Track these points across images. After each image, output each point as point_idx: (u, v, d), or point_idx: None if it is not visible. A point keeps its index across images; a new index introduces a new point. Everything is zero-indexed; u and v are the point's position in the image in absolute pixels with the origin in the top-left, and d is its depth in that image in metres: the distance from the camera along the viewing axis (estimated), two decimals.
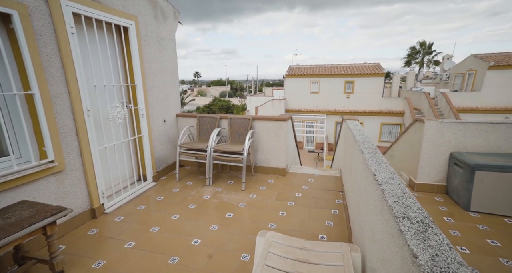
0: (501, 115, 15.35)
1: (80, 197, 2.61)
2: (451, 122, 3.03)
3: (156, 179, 3.65)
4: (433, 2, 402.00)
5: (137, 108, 3.23)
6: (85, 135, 2.58)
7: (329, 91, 17.63)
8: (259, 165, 4.00)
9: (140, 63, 3.17)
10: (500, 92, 15.10)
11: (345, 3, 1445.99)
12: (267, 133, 3.82)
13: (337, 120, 17.94)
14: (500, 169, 2.61)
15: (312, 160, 16.51)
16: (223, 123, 3.99)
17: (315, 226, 2.56)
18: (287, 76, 18.20)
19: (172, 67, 3.95)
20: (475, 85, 16.13)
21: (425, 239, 0.85)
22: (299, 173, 4.01)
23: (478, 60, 16.12)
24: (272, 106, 18.09)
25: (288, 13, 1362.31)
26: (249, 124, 3.74)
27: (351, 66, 18.30)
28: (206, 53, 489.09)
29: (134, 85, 3.16)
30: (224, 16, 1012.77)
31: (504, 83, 14.97)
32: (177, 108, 4.18)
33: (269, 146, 3.86)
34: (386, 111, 16.79)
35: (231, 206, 3.00)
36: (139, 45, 3.15)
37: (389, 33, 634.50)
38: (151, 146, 3.50)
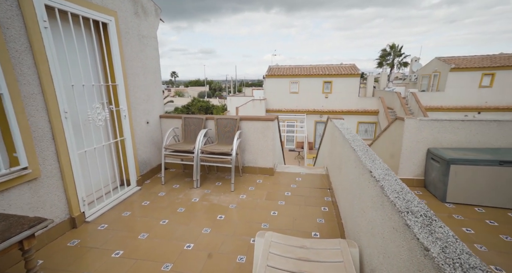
0: (461, 113, 16.76)
1: (58, 206, 2.42)
2: (428, 120, 3.24)
3: (140, 183, 3.48)
4: (399, 7, 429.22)
5: (118, 109, 3.05)
6: (63, 139, 2.39)
7: (308, 91, 18.05)
8: (246, 166, 3.98)
9: (121, 62, 3.01)
10: (461, 92, 16.47)
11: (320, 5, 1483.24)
12: (254, 133, 3.81)
13: (317, 120, 18.44)
14: (472, 162, 2.83)
15: (293, 159, 16.80)
16: (209, 124, 3.91)
17: (307, 224, 2.60)
18: (267, 76, 18.34)
19: (155, 66, 3.80)
20: (439, 85, 17.42)
21: (432, 232, 0.89)
22: (287, 172, 4.06)
23: (441, 63, 17.44)
24: (252, 106, 18.12)
25: (265, 14, 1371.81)
26: (236, 125, 3.70)
27: (329, 67, 18.89)
28: (182, 53, 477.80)
29: (115, 85, 2.99)
30: (200, 15, 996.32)
31: (464, 84, 16.36)
32: (160, 109, 4.03)
33: (256, 146, 3.86)
34: (362, 110, 17.56)
35: (221, 208, 2.95)
36: (119, 43, 2.98)
37: (362, 35, 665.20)
38: (134, 149, 3.34)
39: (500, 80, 15.92)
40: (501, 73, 15.80)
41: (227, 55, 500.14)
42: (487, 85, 16.24)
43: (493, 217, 2.77)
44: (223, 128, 3.75)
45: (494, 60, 16.79)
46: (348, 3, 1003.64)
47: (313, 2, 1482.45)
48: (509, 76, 15.80)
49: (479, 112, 16.61)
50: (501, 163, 2.75)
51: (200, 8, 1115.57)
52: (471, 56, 17.98)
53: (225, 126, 3.74)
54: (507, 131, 3.09)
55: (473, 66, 16.10)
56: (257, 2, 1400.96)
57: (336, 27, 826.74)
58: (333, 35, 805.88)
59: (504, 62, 16.10)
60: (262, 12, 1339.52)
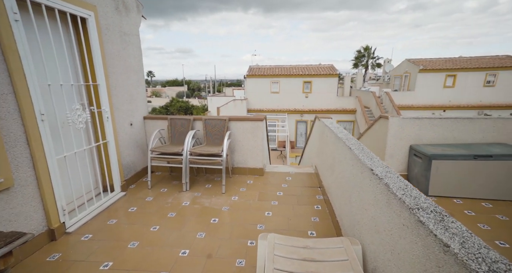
0: (429, 111, 18.01)
1: (33, 217, 2.20)
2: (410, 118, 3.42)
3: (124, 188, 3.29)
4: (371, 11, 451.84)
5: (100, 111, 2.85)
6: (39, 144, 2.17)
7: (289, 90, 18.32)
8: (236, 166, 3.93)
9: (102, 60, 2.81)
10: (429, 91, 17.68)
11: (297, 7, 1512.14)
12: (243, 133, 3.77)
13: (297, 119, 18.78)
14: (450, 157, 3.03)
15: (276, 158, 16.95)
16: (197, 125, 3.80)
17: (302, 223, 2.61)
18: (248, 76, 18.33)
19: (137, 65, 3.61)
20: (410, 85, 18.55)
21: (447, 227, 0.92)
22: (276, 172, 4.06)
23: (411, 64, 18.58)
24: (234, 106, 18.00)
25: (243, 14, 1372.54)
26: (225, 125, 3.63)
27: (308, 67, 19.32)
28: (159, 52, 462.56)
29: (96, 85, 2.79)
30: (177, 14, 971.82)
31: (431, 84, 17.57)
32: (144, 110, 3.84)
33: (246, 146, 3.82)
34: (340, 109, 18.18)
35: (214, 210, 2.88)
36: (100, 40, 2.79)
37: (337, 37, 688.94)
38: (118, 152, 3.14)
39: (461, 81, 17.32)
40: (462, 75, 17.19)
41: (206, 55, 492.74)
42: (450, 85, 17.58)
43: (470, 208, 2.98)
44: (211, 129, 3.67)
45: (455, 62, 18.23)
46: (324, 5, 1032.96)
47: (290, 3, 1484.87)
48: (468, 77, 17.24)
49: (444, 110, 17.95)
50: (475, 157, 2.97)
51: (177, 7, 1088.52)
52: (436, 58, 19.38)
53: (214, 127, 3.66)
54: (477, 128, 3.36)
55: (438, 68, 17.35)
56: (234, 2, 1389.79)
57: (313, 29, 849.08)
58: (310, 36, 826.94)
59: (464, 64, 17.55)
60: (240, 12, 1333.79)
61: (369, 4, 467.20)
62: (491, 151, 3.09)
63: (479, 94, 17.36)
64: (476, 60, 18.33)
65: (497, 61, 17.76)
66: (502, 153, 3.00)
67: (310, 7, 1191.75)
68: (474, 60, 18.49)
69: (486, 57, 19.01)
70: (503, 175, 2.98)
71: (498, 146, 3.23)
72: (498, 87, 17.07)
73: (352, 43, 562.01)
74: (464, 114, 17.44)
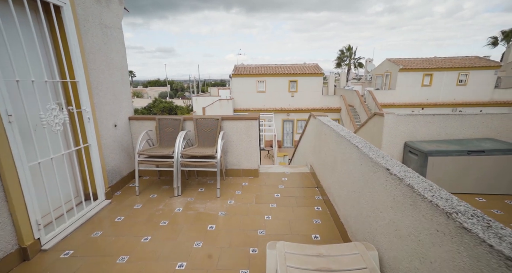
0: (409, 109, 18.74)
1: (1, 235, 1.90)
2: (405, 115, 3.42)
3: (109, 195, 3.00)
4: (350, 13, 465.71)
5: (80, 111, 2.56)
6: (6, 149, 1.88)
7: (275, 90, 18.30)
8: (229, 168, 3.75)
9: (81, 54, 2.53)
10: (408, 90, 18.38)
11: (279, 7, 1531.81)
12: (237, 133, 3.59)
13: (284, 118, 18.82)
14: (445, 153, 3.05)
15: (263, 157, 16.88)
16: (188, 125, 3.57)
17: (304, 226, 2.50)
18: (234, 75, 18.10)
19: (121, 62, 3.32)
20: (391, 84, 19.19)
21: (499, 235, 0.82)
22: (271, 172, 3.93)
23: (391, 64, 19.22)
24: (220, 106, 17.71)
25: (225, 13, 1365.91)
26: (218, 125, 3.44)
27: (294, 66, 19.41)
28: (139, 51, 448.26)
29: (75, 82, 2.50)
30: (157, 12, 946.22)
31: (410, 83, 18.28)
32: (129, 109, 3.55)
33: (240, 147, 3.65)
34: (326, 107, 18.43)
35: (210, 216, 2.69)
36: (78, 31, 2.50)
37: (319, 38, 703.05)
38: (101, 156, 2.86)
39: (437, 80, 18.17)
40: (437, 74, 18.04)
41: (188, 55, 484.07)
42: (427, 84, 18.38)
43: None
44: (203, 129, 3.46)
45: (431, 62, 19.10)
46: (305, 6, 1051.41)
47: (272, 3, 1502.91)
48: (443, 76, 18.12)
49: (423, 108, 18.75)
50: (469, 152, 3.01)
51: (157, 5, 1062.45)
52: (414, 58, 20.19)
53: (206, 127, 3.45)
54: (467, 124, 3.42)
55: (416, 67, 18.08)
56: (216, 1, 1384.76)
57: (295, 29, 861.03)
58: (293, 36, 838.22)
59: (439, 64, 18.43)
60: (222, 12, 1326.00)
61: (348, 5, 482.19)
62: (482, 146, 3.14)
63: (453, 93, 18.31)
64: (449, 60, 19.31)
65: (467, 61, 18.82)
66: (493, 148, 3.06)
67: (292, 8, 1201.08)
68: (448, 60, 19.46)
69: (458, 57, 20.09)
70: (495, 169, 3.03)
71: (488, 141, 3.30)
72: (469, 85, 18.08)
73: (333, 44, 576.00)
74: (440, 111, 18.27)
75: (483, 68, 17.80)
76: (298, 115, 18.71)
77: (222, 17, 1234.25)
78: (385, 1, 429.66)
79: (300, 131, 19.11)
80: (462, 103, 18.26)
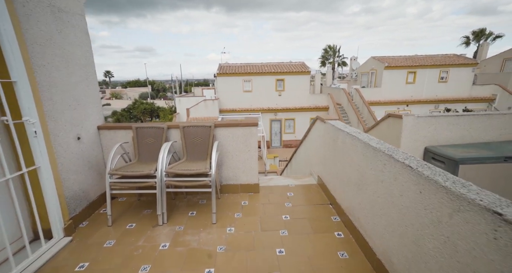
0: (394, 106, 18.98)
1: None
2: (426, 116, 3.00)
3: (70, 230, 2.31)
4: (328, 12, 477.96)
5: (22, 122, 1.86)
6: None
7: (261, 89, 17.78)
8: (225, 184, 3.15)
9: (19, 45, 1.83)
10: (393, 87, 18.57)
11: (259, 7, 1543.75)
12: (234, 142, 3.01)
13: (271, 118, 18.37)
14: (479, 161, 2.66)
15: None
16: (173, 135, 2.94)
17: (328, 263, 1.96)
18: (219, 74, 17.37)
19: (85, 57, 2.62)
20: (376, 82, 19.31)
21: None
22: (273, 186, 3.38)
23: (377, 61, 19.34)
24: (205, 106, 16.93)
25: (206, 13, 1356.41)
26: (210, 134, 2.83)
27: (280, 65, 18.99)
28: (116, 50, 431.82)
29: (10, 83, 1.80)
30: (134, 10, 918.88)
31: (395, 80, 18.48)
32: (98, 117, 2.85)
33: (237, 159, 3.06)
34: (313, 106, 18.18)
35: (206, 254, 2.09)
36: (12, 12, 1.80)
37: (299, 37, 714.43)
38: (57, 180, 2.16)
39: (420, 77, 18.50)
40: (420, 71, 18.37)
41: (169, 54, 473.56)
42: (411, 81, 18.67)
43: None
44: (193, 140, 2.84)
45: (414, 60, 19.43)
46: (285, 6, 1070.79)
47: (252, 3, 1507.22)
48: (425, 73, 18.49)
49: (407, 105, 19.06)
50: (506, 159, 2.63)
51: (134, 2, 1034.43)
52: (398, 56, 20.47)
53: (196, 137, 2.84)
54: (494, 124, 3.07)
55: (401, 65, 18.29)
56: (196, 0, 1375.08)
57: (277, 28, 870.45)
58: (274, 36, 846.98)
59: (421, 62, 18.78)
60: (203, 11, 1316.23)
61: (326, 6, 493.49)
62: None
63: (435, 90, 18.73)
64: (430, 58, 19.75)
65: (447, 59, 19.34)
66: None
67: (272, 7, 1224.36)
68: (429, 58, 19.90)
69: (438, 55, 20.61)
70: None
71: None
72: (450, 83, 18.58)
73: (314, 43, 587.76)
74: (424, 108, 18.69)
75: (461, 66, 18.35)
76: (286, 114, 18.33)
77: (203, 16, 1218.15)
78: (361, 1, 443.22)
79: (288, 131, 18.74)
80: (443, 99, 18.73)
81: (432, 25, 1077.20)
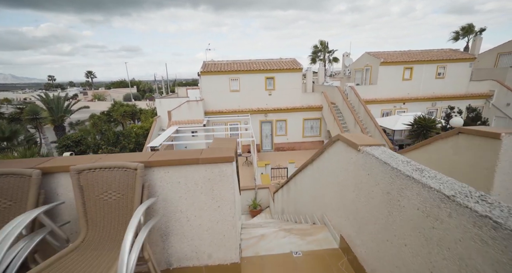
0: (391, 104, 18.01)
1: None
2: None
3: None
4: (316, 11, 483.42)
5: None
6: None
7: (250, 88, 16.33)
8: (177, 267, 1.71)
9: None
10: (390, 84, 17.54)
11: (247, 5, 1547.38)
12: (190, 194, 1.57)
13: (262, 119, 16.97)
14: None
15: (240, 165, 14.91)
16: (57, 187, 1.47)
17: None
18: (203, 73, 15.79)
19: None
20: (372, 79, 18.24)
21: None
22: (265, 256, 1.96)
23: (372, 57, 18.25)
24: (188, 108, 15.34)
25: (193, 11, 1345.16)
26: (136, 183, 1.39)
27: (270, 62, 17.61)
28: (101, 50, 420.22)
29: None
30: (118, 8, 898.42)
31: (392, 77, 17.45)
32: None
33: (197, 222, 1.63)
34: (306, 106, 16.91)
35: None
36: None
37: (288, 36, 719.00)
38: None
39: (417, 73, 17.56)
40: (417, 67, 17.41)
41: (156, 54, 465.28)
42: (408, 78, 17.70)
43: None
44: (98, 196, 1.38)
45: (410, 55, 18.47)
46: (273, 4, 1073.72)
47: (239, 1, 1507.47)
48: (422, 69, 17.55)
49: (404, 103, 18.12)
50: None
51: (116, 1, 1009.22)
52: (393, 51, 19.49)
53: (105, 190, 1.38)
54: None
55: (397, 61, 17.28)
56: None
57: (265, 27, 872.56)
58: (263, 34, 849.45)
59: (418, 57, 17.84)
60: (190, 9, 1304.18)
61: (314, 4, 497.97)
62: None
63: (432, 86, 17.85)
64: (426, 53, 18.86)
65: (444, 54, 18.49)
66: None
67: (260, 6, 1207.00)
68: (425, 53, 19.02)
69: (433, 50, 19.78)
70: None
71: None
72: (447, 79, 17.73)
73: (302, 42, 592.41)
74: (422, 105, 17.78)
75: (459, 61, 17.54)
76: (277, 115, 16.97)
77: (190, 15, 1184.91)
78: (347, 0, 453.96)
79: (280, 133, 17.39)
80: (440, 96, 17.90)
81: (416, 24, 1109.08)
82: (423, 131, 11.57)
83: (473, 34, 27.70)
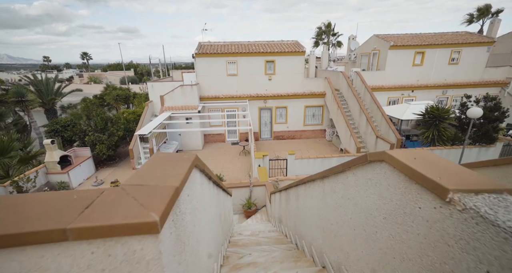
0: (399, 92, 16.88)
1: None
2: None
3: None
4: None
5: None
6: None
7: (249, 72, 15.17)
8: None
9: None
10: (398, 71, 16.31)
11: None
12: None
13: (260, 106, 15.97)
14: None
15: (238, 154, 14.14)
16: None
17: None
18: (198, 55, 14.56)
19: None
20: (379, 64, 16.99)
21: None
22: None
23: (380, 40, 16.85)
24: (182, 93, 14.30)
25: None
26: None
27: (270, 44, 16.27)
28: (98, 31, 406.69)
29: None
30: None
31: (401, 62, 16.18)
32: None
33: None
34: (308, 92, 15.83)
35: None
36: None
37: (290, 18, 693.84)
38: None
39: (429, 58, 16.27)
40: (430, 51, 16.08)
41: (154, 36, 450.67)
42: (418, 63, 16.44)
43: None
44: None
45: (422, 38, 17.03)
46: None
47: None
48: (435, 54, 16.22)
49: (413, 91, 16.98)
50: None
51: None
52: (404, 34, 18.03)
53: None
54: None
55: (408, 44, 15.93)
56: None
57: (266, 9, 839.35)
58: (264, 17, 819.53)
59: (431, 40, 16.44)
60: None
61: None
62: None
63: (444, 73, 16.64)
64: (440, 36, 17.42)
65: (459, 37, 17.05)
66: None
67: None
68: (439, 36, 17.58)
69: (448, 33, 18.30)
70: None
71: None
72: (461, 64, 16.47)
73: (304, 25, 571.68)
74: (431, 93, 16.70)
75: (476, 45, 16.15)
76: (277, 101, 15.94)
77: None
78: None
79: (280, 121, 16.44)
80: (452, 84, 16.72)
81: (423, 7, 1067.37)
82: (435, 122, 10.66)
83: (489, 16, 25.75)
